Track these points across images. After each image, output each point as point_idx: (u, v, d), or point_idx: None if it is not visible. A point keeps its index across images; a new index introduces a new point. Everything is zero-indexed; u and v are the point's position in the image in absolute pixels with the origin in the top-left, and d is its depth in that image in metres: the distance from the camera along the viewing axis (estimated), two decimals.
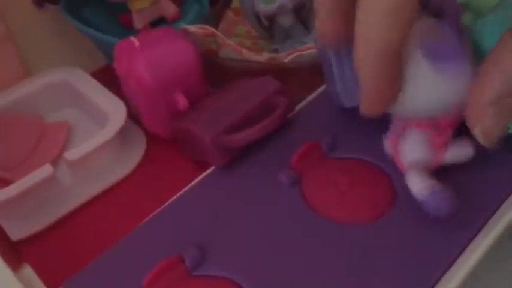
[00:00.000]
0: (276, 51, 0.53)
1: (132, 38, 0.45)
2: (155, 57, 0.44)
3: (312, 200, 0.36)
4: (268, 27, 0.55)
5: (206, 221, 0.36)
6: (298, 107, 0.43)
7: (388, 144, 0.36)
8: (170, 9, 0.54)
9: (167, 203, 0.38)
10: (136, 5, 0.53)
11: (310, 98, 0.44)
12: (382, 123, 0.41)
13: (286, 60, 0.45)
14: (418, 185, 0.33)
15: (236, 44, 0.56)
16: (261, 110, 0.41)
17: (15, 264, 0.33)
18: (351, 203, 0.36)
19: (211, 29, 0.47)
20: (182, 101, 0.44)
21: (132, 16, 0.54)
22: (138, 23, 0.54)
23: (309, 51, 0.44)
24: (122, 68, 0.45)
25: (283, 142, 0.41)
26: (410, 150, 0.35)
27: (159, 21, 0.55)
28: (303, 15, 0.54)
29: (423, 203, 0.33)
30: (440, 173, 0.35)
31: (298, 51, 0.45)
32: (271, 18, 0.54)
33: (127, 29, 0.55)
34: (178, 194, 0.39)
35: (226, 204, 0.37)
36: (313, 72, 0.45)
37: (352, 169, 0.38)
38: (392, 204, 0.36)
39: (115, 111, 0.46)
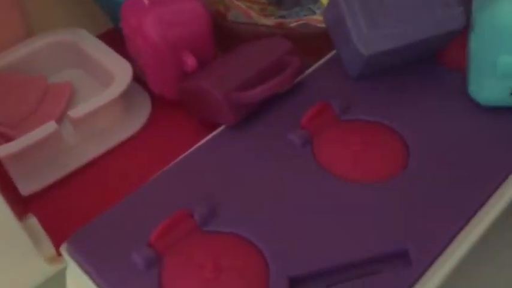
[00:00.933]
0: (283, 17, 0.53)
1: None
2: (164, 16, 0.43)
3: (323, 159, 0.36)
4: None
5: (216, 179, 0.36)
6: (307, 71, 0.43)
7: None
8: None
9: (176, 160, 0.38)
10: None
11: (320, 62, 0.43)
12: (393, 86, 0.40)
13: (293, 25, 0.44)
14: None
15: (245, 8, 0.55)
16: (273, 69, 0.40)
17: (21, 213, 0.32)
18: (362, 163, 0.35)
19: None
20: (190, 61, 0.43)
21: None
22: None
23: (315, 23, 0.44)
24: (129, 27, 0.44)
25: (294, 103, 0.40)
26: None
27: None
28: None
29: None
30: None
31: (306, 21, 0.44)
32: None
33: None
34: (188, 152, 0.38)
35: (237, 163, 0.37)
36: (321, 40, 0.45)
37: (364, 130, 0.37)
38: (404, 165, 0.35)
39: (120, 71, 0.45)
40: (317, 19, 0.45)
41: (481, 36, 0.35)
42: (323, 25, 0.45)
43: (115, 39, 0.48)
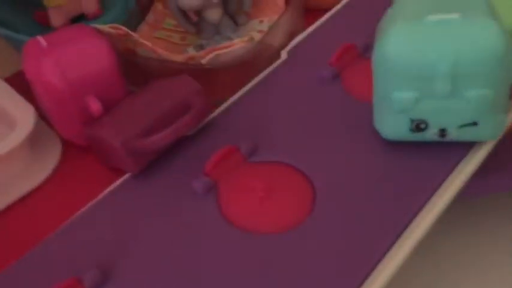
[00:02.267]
0: (201, 47, 0.51)
1: (39, 38, 0.41)
2: (64, 59, 0.40)
3: (227, 209, 0.34)
4: (196, 22, 0.52)
5: (114, 235, 0.34)
6: (218, 110, 0.41)
7: None
8: (91, 6, 0.51)
9: (73, 216, 0.36)
10: (52, 1, 0.49)
11: (229, 101, 0.42)
12: (301, 126, 0.39)
13: (203, 61, 0.42)
14: None
15: (164, 38, 0.53)
16: (178, 111, 0.38)
17: None
18: (268, 211, 0.34)
19: (125, 29, 0.44)
20: (95, 106, 0.41)
21: (49, 13, 0.50)
22: (56, 20, 0.50)
23: (227, 50, 0.42)
24: (29, 70, 0.42)
25: (200, 146, 0.38)
26: None
27: (79, 19, 0.52)
28: (231, 9, 0.52)
29: None
30: None
31: (217, 50, 0.42)
32: (199, 12, 0.51)
33: (44, 27, 0.52)
34: (88, 205, 0.36)
35: (139, 215, 0.35)
36: (234, 73, 0.43)
37: (271, 174, 0.36)
38: (310, 210, 0.34)
39: (23, 116, 0.43)
40: (227, 44, 0.44)
41: (376, 71, 0.33)
42: (236, 53, 0.43)
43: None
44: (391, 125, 0.34)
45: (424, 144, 0.35)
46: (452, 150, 0.35)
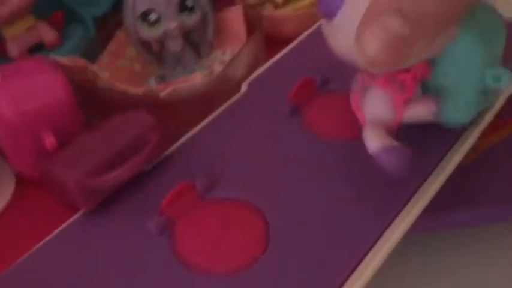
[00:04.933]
0: (162, 78, 0.51)
1: None
2: (19, 92, 0.40)
3: (181, 249, 0.34)
4: (158, 52, 0.52)
5: (61, 277, 0.33)
6: (176, 144, 0.41)
7: (352, 100, 0.37)
8: (49, 35, 0.50)
9: (24, 255, 0.34)
10: (8, 31, 0.49)
11: (189, 134, 0.41)
12: (259, 162, 0.39)
13: (162, 95, 0.42)
14: (373, 141, 0.34)
15: (126, 67, 0.53)
16: (133, 148, 0.37)
17: None
18: (222, 252, 0.33)
19: (83, 62, 0.44)
20: (49, 140, 0.40)
21: (6, 43, 0.49)
22: (13, 51, 0.49)
23: (186, 84, 0.42)
24: None
25: (156, 183, 0.38)
26: (371, 108, 0.35)
27: (37, 48, 0.51)
28: (193, 39, 0.52)
29: (376, 157, 0.33)
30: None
31: (176, 84, 0.42)
32: (161, 42, 0.51)
33: (1, 58, 0.51)
34: (39, 244, 0.35)
35: (89, 257, 0.34)
36: (193, 107, 0.43)
37: (226, 212, 0.35)
38: (265, 246, 0.33)
39: None
40: (186, 79, 0.44)
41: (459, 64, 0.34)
42: (196, 86, 0.43)
43: None
44: (473, 105, 0.36)
45: (383, 178, 0.35)
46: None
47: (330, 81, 0.44)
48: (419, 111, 0.36)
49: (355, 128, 0.40)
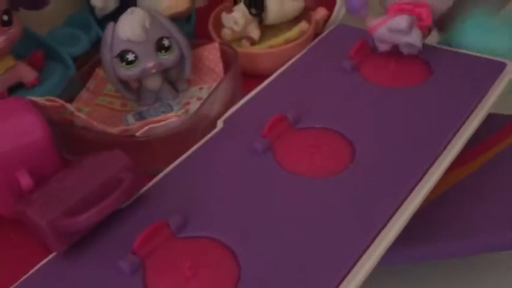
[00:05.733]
0: (140, 114, 0.51)
1: None
2: None
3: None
4: (136, 89, 0.53)
5: None
6: (151, 182, 0.41)
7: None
8: (29, 75, 0.51)
9: None
10: None
11: (164, 172, 0.42)
12: (232, 199, 0.39)
13: (138, 134, 0.43)
14: None
15: (105, 104, 0.54)
16: (108, 188, 0.38)
17: None
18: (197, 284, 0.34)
19: (61, 102, 0.44)
20: (25, 181, 0.40)
21: None
22: None
23: (161, 123, 0.43)
24: None
25: (130, 222, 0.38)
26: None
27: (17, 87, 0.52)
28: (171, 76, 0.53)
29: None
30: None
31: (151, 124, 0.43)
32: (139, 80, 0.52)
33: None
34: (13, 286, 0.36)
35: None
36: (169, 144, 0.44)
37: (198, 251, 0.36)
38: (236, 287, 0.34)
39: None
40: (161, 118, 0.44)
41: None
42: (171, 125, 0.44)
43: None
44: None
45: (353, 214, 0.37)
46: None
47: (302, 118, 0.45)
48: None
49: (326, 165, 0.41)
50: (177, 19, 0.56)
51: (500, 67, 0.47)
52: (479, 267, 0.48)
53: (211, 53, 0.54)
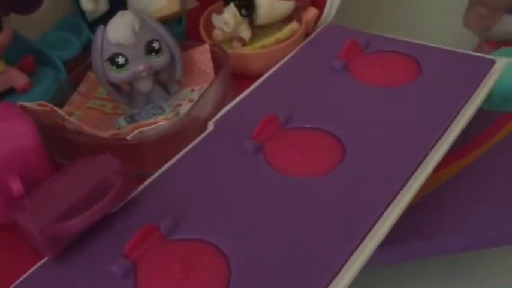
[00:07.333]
0: (132, 117, 0.51)
1: None
2: None
3: None
4: (128, 92, 0.53)
5: None
6: (142, 185, 0.41)
7: None
8: (20, 80, 0.51)
9: None
10: None
11: (155, 175, 0.42)
12: (224, 201, 0.39)
13: (128, 137, 0.43)
14: None
15: (96, 107, 0.54)
16: (99, 192, 0.38)
17: None
18: None
19: (51, 106, 0.45)
20: (16, 187, 0.40)
21: None
22: None
23: (151, 126, 0.43)
24: None
25: (121, 225, 0.38)
26: None
27: (8, 93, 0.52)
28: (162, 78, 0.53)
29: None
30: None
31: (141, 127, 0.43)
32: (130, 82, 0.52)
33: None
34: None
35: None
36: (160, 147, 0.44)
37: (189, 253, 0.36)
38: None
39: None
40: (152, 121, 0.45)
41: None
42: (162, 128, 0.44)
43: None
44: None
45: (343, 214, 0.37)
46: None
47: (293, 118, 0.45)
48: None
49: (316, 164, 0.41)
50: (168, 21, 0.57)
51: (489, 63, 0.47)
52: (479, 267, 0.48)
53: (203, 55, 0.54)
